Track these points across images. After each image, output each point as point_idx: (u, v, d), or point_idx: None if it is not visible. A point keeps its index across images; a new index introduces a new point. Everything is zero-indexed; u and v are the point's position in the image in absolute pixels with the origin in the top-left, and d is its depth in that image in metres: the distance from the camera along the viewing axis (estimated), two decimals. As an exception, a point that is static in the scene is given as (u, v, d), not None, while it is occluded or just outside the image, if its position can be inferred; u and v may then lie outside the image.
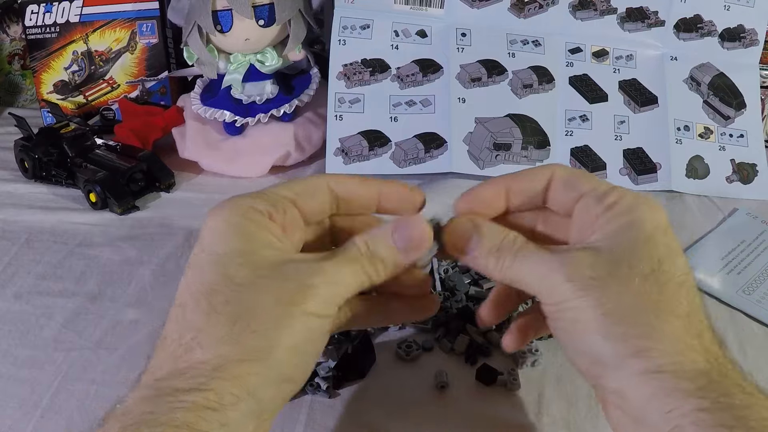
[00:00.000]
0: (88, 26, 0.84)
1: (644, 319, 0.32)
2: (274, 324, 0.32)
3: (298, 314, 0.32)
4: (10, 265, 0.61)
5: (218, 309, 0.32)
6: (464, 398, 0.47)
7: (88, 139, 0.75)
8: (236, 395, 0.31)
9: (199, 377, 0.31)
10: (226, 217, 0.34)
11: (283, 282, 0.33)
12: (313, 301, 0.33)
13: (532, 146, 0.75)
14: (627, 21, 0.80)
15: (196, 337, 0.32)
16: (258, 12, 0.72)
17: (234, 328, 0.31)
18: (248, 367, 0.31)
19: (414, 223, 0.36)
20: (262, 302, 0.32)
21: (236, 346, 0.31)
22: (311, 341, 0.33)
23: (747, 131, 0.79)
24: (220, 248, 0.33)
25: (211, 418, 0.30)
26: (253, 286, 0.32)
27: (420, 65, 0.77)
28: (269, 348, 0.32)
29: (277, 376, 0.32)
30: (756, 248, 0.64)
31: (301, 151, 0.78)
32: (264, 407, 0.32)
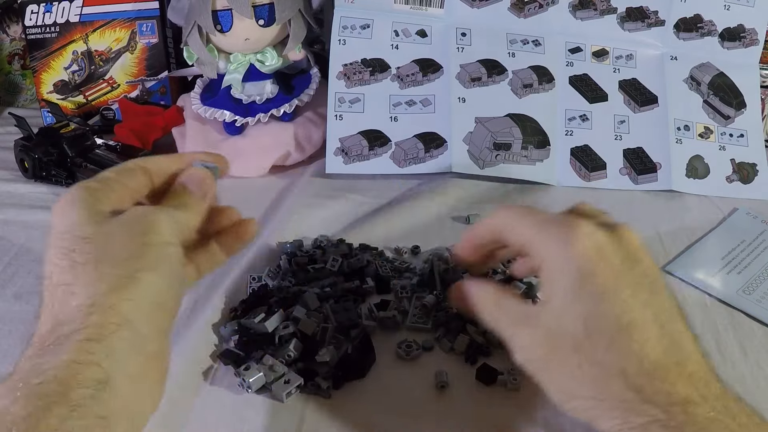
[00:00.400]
0: (88, 26, 0.84)
1: (586, 392, 0.36)
2: (133, 253, 0.35)
3: (152, 241, 0.36)
4: (10, 265, 0.61)
5: (79, 260, 0.35)
6: (464, 398, 0.47)
7: (88, 139, 0.75)
8: (114, 323, 0.33)
9: (77, 318, 0.33)
10: (66, 198, 0.38)
11: (127, 221, 0.37)
12: (159, 228, 0.37)
13: (532, 146, 0.75)
14: (627, 21, 0.80)
15: (68, 289, 0.34)
16: (258, 12, 0.72)
17: (98, 268, 0.34)
18: (118, 295, 0.34)
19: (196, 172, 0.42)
20: (116, 240, 0.35)
21: (103, 281, 0.34)
22: (170, 265, 0.37)
23: (747, 131, 0.79)
24: (66, 220, 0.37)
25: (95, 349, 0.32)
26: (103, 234, 0.36)
27: (420, 65, 0.77)
28: (133, 274, 0.34)
29: (148, 300, 0.35)
30: (756, 248, 0.64)
31: (301, 150, 0.78)
32: (145, 336, 0.34)
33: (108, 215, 0.37)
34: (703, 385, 0.35)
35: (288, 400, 0.46)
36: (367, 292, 0.57)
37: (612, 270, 0.37)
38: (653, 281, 0.38)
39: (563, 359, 0.37)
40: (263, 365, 0.47)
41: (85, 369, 0.31)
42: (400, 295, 0.56)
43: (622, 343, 0.36)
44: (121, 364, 0.32)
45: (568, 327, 0.37)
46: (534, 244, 0.39)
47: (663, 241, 0.66)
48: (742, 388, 0.48)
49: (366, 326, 0.52)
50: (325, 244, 0.62)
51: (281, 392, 0.46)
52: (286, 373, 0.47)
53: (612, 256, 0.37)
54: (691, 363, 0.36)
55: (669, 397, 0.34)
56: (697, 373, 0.36)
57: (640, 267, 0.38)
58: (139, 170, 0.41)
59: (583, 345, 0.36)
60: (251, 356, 0.49)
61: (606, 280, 0.37)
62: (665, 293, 0.38)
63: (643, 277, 0.38)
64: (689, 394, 0.34)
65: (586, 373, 0.36)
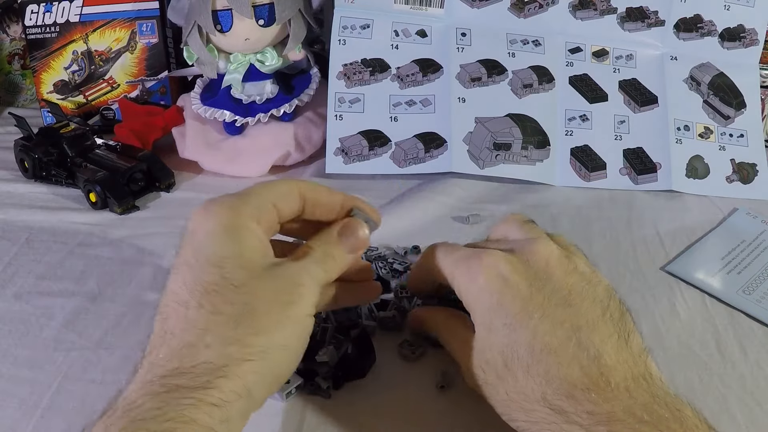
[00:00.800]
0: (88, 26, 0.84)
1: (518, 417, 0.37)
2: (273, 325, 0.34)
3: (293, 316, 0.35)
4: (10, 265, 0.61)
5: (221, 310, 0.34)
6: (464, 398, 0.47)
7: (88, 138, 0.75)
8: (237, 393, 0.33)
9: (204, 375, 0.32)
10: (219, 219, 0.37)
11: (277, 282, 0.35)
12: (304, 300, 0.36)
13: (532, 146, 0.75)
14: (627, 21, 0.80)
15: (202, 337, 0.33)
16: (258, 12, 0.72)
17: (238, 329, 0.34)
18: (250, 367, 0.33)
19: (356, 226, 0.42)
20: (261, 304, 0.34)
21: (240, 347, 0.33)
22: (301, 339, 0.37)
23: (747, 131, 0.79)
24: (216, 251, 0.36)
25: (215, 414, 0.32)
26: (250, 287, 0.35)
27: (420, 65, 0.77)
28: (269, 349, 0.34)
29: (271, 376, 0.35)
30: (756, 248, 0.64)
31: (301, 150, 0.78)
32: (255, 405, 0.35)
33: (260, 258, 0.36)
34: (627, 397, 0.34)
35: (288, 400, 0.46)
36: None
37: (519, 297, 0.38)
38: (567, 294, 0.38)
39: (493, 387, 0.38)
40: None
41: (202, 430, 0.31)
42: (400, 295, 0.56)
43: (538, 370, 0.36)
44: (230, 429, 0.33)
45: (489, 359, 0.38)
46: (453, 283, 0.42)
47: (663, 241, 0.66)
48: (742, 388, 0.48)
49: (366, 326, 0.52)
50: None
51: (281, 392, 0.46)
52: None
53: (518, 281, 0.38)
54: (615, 373, 0.35)
55: (592, 416, 0.34)
56: (621, 383, 0.35)
57: (550, 284, 0.38)
58: (297, 195, 0.41)
59: (504, 375, 0.37)
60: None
61: (513, 308, 0.37)
62: (585, 301, 0.38)
63: (554, 293, 0.38)
64: (612, 410, 0.34)
65: (514, 401, 0.37)
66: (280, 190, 0.40)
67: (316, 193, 0.42)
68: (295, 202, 0.41)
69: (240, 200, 0.38)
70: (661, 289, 0.59)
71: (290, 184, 0.41)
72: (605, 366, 0.35)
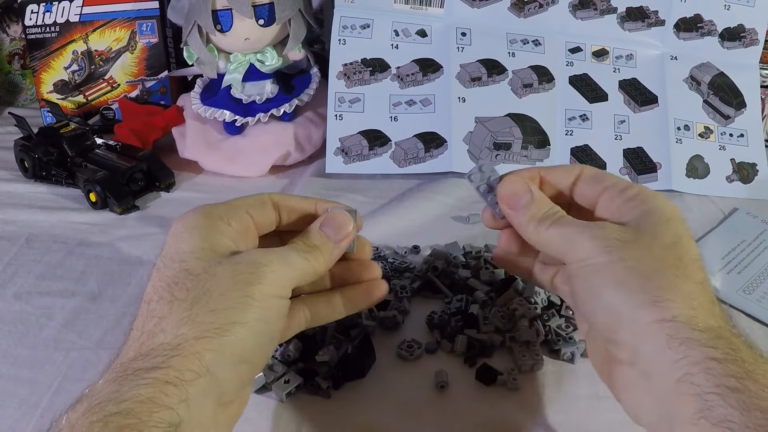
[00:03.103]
0: (88, 26, 0.84)
1: (664, 276, 0.35)
2: (231, 303, 0.34)
3: (255, 294, 0.35)
4: (10, 265, 0.61)
5: (179, 296, 0.35)
6: (464, 398, 0.47)
7: (88, 138, 0.75)
8: (195, 371, 0.33)
9: (160, 356, 0.33)
10: (186, 221, 0.38)
11: (236, 266, 0.36)
12: (268, 280, 0.36)
13: (532, 146, 0.75)
14: (627, 20, 0.80)
15: (159, 323, 0.34)
16: (258, 11, 0.72)
17: (193, 309, 0.34)
18: (204, 344, 0.33)
19: (337, 215, 0.41)
20: (219, 286, 0.35)
21: (193, 326, 0.34)
22: (267, 322, 0.36)
23: (747, 131, 0.79)
24: (179, 248, 0.37)
25: (172, 392, 0.32)
26: (209, 274, 0.35)
27: (420, 65, 0.77)
28: (225, 326, 0.34)
29: (233, 355, 0.34)
30: (756, 248, 0.64)
31: (301, 150, 0.78)
32: (223, 388, 0.34)
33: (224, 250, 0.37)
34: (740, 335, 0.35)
35: (288, 400, 0.46)
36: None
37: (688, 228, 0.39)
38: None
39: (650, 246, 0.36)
40: (263, 365, 0.47)
41: (160, 410, 0.31)
42: (400, 295, 0.56)
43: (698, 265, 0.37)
44: (193, 412, 0.32)
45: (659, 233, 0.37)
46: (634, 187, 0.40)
47: (663, 241, 0.66)
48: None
49: (366, 326, 0.52)
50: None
51: (281, 392, 0.46)
52: (286, 373, 0.47)
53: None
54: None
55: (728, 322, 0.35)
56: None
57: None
58: (271, 204, 0.41)
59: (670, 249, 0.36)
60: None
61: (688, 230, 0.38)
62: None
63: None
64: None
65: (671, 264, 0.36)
66: (252, 200, 0.41)
67: (288, 201, 0.42)
68: (268, 210, 0.41)
69: (211, 205, 0.40)
70: (661, 289, 0.59)
71: (261, 195, 0.42)
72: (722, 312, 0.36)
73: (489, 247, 0.62)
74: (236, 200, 0.41)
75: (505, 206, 0.43)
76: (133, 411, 0.31)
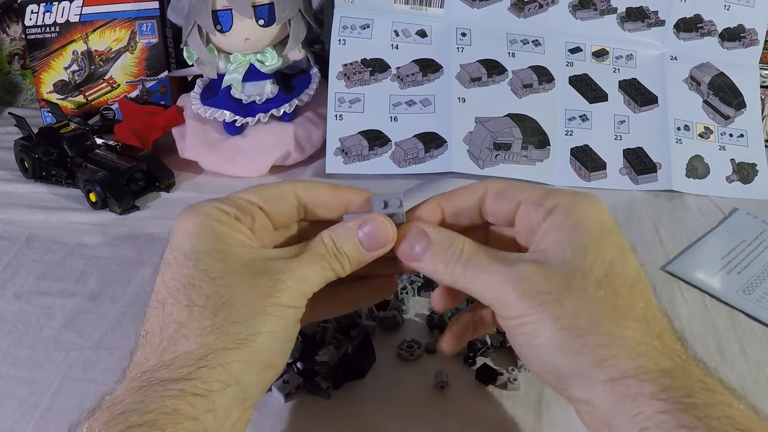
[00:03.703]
0: (88, 26, 0.84)
1: (603, 328, 0.33)
2: (252, 315, 0.34)
3: (272, 306, 0.34)
4: (10, 265, 0.61)
5: (198, 302, 0.34)
6: (464, 398, 0.47)
7: (88, 138, 0.75)
8: (223, 382, 0.32)
9: (186, 366, 0.32)
10: (197, 219, 0.37)
11: (255, 277, 0.35)
12: (284, 294, 0.35)
13: (532, 146, 0.75)
14: (627, 21, 0.80)
15: (180, 330, 0.33)
16: (258, 12, 0.72)
17: (216, 319, 0.33)
18: (232, 355, 0.33)
19: (380, 223, 0.38)
20: (239, 295, 0.34)
21: (220, 336, 0.33)
22: (286, 329, 0.35)
23: (747, 131, 0.79)
24: (194, 246, 0.35)
25: (199, 404, 0.31)
26: (227, 280, 0.34)
27: (420, 65, 0.77)
28: (250, 336, 0.33)
29: (259, 363, 0.34)
30: (756, 248, 0.64)
31: (301, 150, 0.78)
32: (248, 394, 0.34)
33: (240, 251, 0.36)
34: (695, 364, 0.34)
35: (288, 400, 0.46)
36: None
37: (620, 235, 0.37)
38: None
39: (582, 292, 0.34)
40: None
41: (185, 420, 0.31)
42: (400, 295, 0.56)
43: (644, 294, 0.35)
44: (218, 422, 0.32)
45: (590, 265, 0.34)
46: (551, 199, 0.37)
47: (663, 241, 0.66)
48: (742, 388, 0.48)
49: (366, 326, 0.52)
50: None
51: (281, 392, 0.46)
52: (286, 373, 0.47)
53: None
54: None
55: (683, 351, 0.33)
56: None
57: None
58: (292, 196, 0.39)
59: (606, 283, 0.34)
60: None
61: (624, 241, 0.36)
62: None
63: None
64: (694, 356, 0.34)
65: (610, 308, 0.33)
66: (270, 193, 0.39)
67: (314, 192, 0.40)
68: (288, 204, 0.39)
69: (221, 201, 0.38)
70: (661, 289, 0.59)
71: (283, 186, 0.39)
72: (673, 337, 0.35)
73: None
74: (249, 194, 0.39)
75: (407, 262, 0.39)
76: (158, 422, 0.30)
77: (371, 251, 0.38)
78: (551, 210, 0.37)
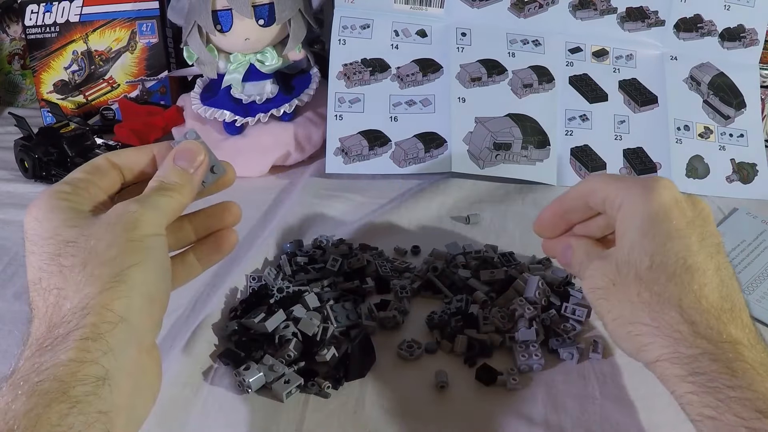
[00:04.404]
0: (87, 26, 0.84)
1: (641, 318, 0.39)
2: (119, 251, 0.35)
3: (136, 237, 0.36)
4: (10, 265, 0.61)
5: (66, 264, 0.35)
6: (464, 398, 0.47)
7: (88, 138, 0.75)
8: (110, 321, 0.33)
9: (73, 321, 0.33)
10: (40, 205, 0.38)
11: (107, 221, 0.36)
12: (141, 223, 0.36)
13: (532, 146, 0.75)
14: (627, 21, 0.80)
15: (60, 293, 0.35)
16: (258, 12, 0.72)
17: (86, 269, 0.35)
18: (111, 294, 0.34)
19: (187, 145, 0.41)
20: (101, 241, 0.35)
21: (94, 282, 0.34)
22: (156, 259, 0.37)
23: (747, 131, 0.79)
24: (47, 227, 0.37)
25: (94, 347, 0.32)
26: (86, 236, 0.36)
27: (420, 65, 0.77)
28: (123, 271, 0.35)
29: (139, 296, 0.35)
30: (756, 248, 0.64)
31: (301, 150, 0.78)
32: (139, 330, 0.35)
33: (89, 216, 0.37)
34: (753, 335, 0.38)
35: (288, 400, 0.46)
36: (367, 292, 0.57)
37: (684, 218, 0.40)
38: (718, 243, 0.41)
39: (625, 287, 0.40)
40: (263, 365, 0.47)
41: (84, 367, 0.32)
42: (400, 295, 0.56)
43: (683, 280, 0.38)
44: (119, 361, 0.33)
45: (634, 259, 0.39)
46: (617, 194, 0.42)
47: (663, 241, 0.66)
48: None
49: (366, 326, 0.52)
50: (325, 244, 0.62)
51: (281, 392, 0.46)
52: (286, 373, 0.47)
53: (686, 209, 0.41)
54: (744, 315, 0.39)
55: (720, 335, 0.37)
56: (748, 324, 0.38)
57: (709, 227, 0.41)
58: (109, 167, 0.41)
59: (645, 275, 0.39)
60: (251, 356, 0.49)
61: (678, 223, 0.40)
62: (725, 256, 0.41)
63: (711, 236, 0.40)
64: (740, 337, 0.37)
65: (645, 301, 0.39)
66: (89, 167, 0.41)
67: (125, 158, 0.42)
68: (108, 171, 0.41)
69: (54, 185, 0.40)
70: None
71: (96, 161, 0.41)
72: (739, 306, 0.39)
73: (489, 247, 0.62)
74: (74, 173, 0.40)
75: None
76: (58, 374, 0.31)
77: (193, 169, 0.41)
78: (620, 206, 0.41)
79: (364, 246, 0.62)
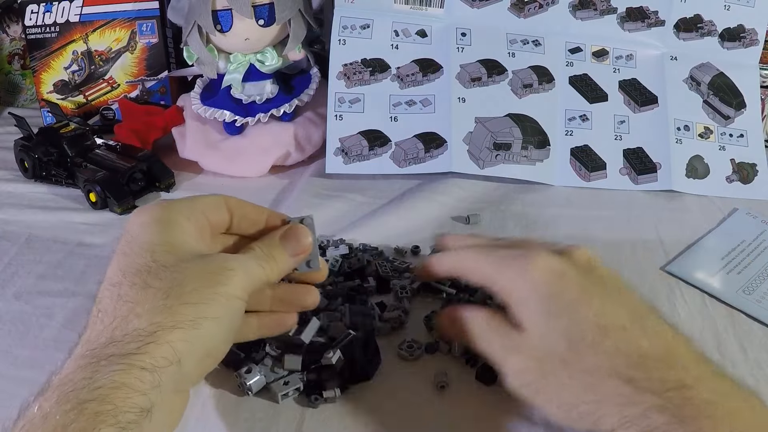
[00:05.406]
0: (87, 26, 0.84)
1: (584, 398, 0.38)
2: (202, 299, 0.36)
3: (223, 294, 0.37)
4: (10, 265, 0.61)
5: (152, 284, 0.36)
6: (464, 398, 0.47)
7: (88, 138, 0.75)
8: (167, 359, 0.34)
9: (134, 342, 0.34)
10: (152, 214, 0.39)
11: (205, 266, 0.38)
12: (233, 282, 0.38)
13: (532, 146, 0.75)
14: (627, 21, 0.80)
15: (134, 309, 0.35)
16: (258, 12, 0.72)
17: (168, 300, 0.35)
18: (179, 334, 0.35)
19: (298, 228, 0.43)
20: (191, 281, 0.36)
21: (169, 315, 0.35)
22: (231, 319, 0.38)
23: (747, 131, 0.79)
24: (149, 239, 0.38)
25: (146, 378, 0.33)
26: (180, 269, 0.37)
27: (420, 65, 0.77)
28: (198, 319, 0.35)
29: (201, 347, 0.36)
30: (756, 248, 0.64)
31: (301, 150, 0.78)
32: (186, 378, 0.36)
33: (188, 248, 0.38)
34: (695, 368, 0.37)
35: (289, 401, 0.46)
36: (368, 292, 0.57)
37: (575, 284, 0.40)
38: (614, 283, 0.41)
39: (555, 376, 0.39)
40: (264, 367, 0.47)
41: (134, 395, 0.32)
42: (400, 295, 0.56)
43: (606, 344, 0.38)
44: (163, 398, 0.34)
45: (552, 345, 0.39)
46: (497, 283, 0.42)
47: (663, 241, 0.66)
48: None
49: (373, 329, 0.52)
50: (325, 244, 0.62)
51: (277, 393, 0.46)
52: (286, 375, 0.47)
53: (573, 274, 0.40)
54: (679, 349, 0.38)
55: (663, 383, 0.36)
56: (686, 356, 0.37)
57: (597, 273, 0.41)
58: (225, 207, 0.43)
59: (568, 358, 0.38)
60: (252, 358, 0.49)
61: (572, 293, 0.39)
62: (631, 292, 0.41)
63: (605, 282, 0.40)
64: (682, 378, 0.36)
65: (579, 380, 0.38)
66: (209, 201, 0.42)
67: (242, 208, 0.44)
68: (223, 213, 0.43)
69: (171, 202, 0.41)
70: (661, 289, 0.59)
71: (218, 197, 0.43)
72: (669, 342, 0.38)
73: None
74: (196, 200, 0.42)
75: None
76: (108, 397, 0.32)
77: (293, 256, 0.43)
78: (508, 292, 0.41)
79: (364, 246, 0.62)
